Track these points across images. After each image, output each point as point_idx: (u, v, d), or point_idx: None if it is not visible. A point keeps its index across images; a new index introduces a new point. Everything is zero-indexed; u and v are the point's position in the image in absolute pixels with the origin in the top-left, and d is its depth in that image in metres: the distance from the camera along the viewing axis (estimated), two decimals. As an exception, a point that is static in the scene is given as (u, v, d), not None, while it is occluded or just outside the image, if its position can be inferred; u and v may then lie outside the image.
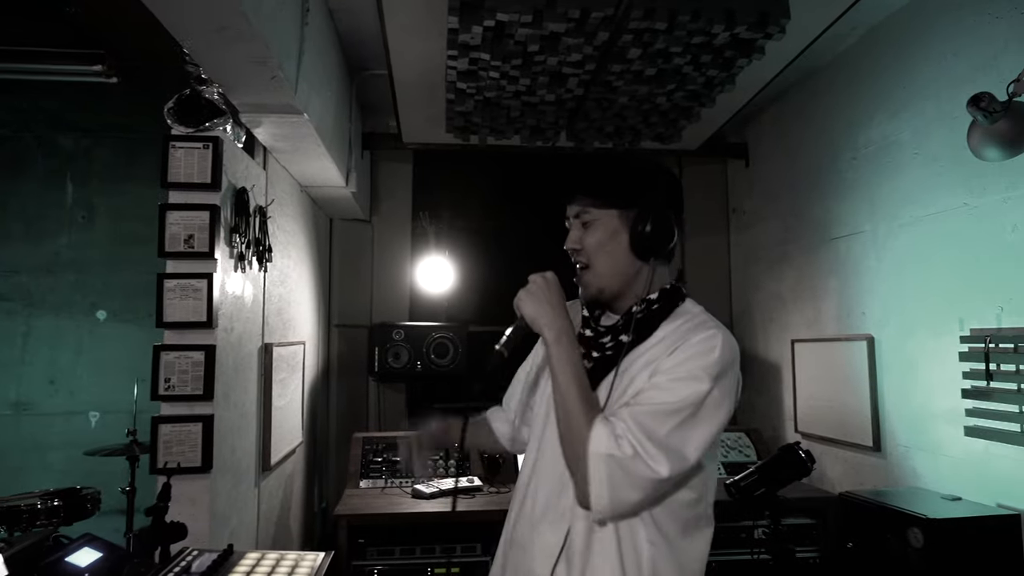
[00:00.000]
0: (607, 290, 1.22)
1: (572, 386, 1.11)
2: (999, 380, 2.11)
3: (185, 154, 1.94)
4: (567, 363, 1.13)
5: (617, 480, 1.04)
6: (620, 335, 1.19)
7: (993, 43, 2.16)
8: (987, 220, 2.19)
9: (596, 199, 1.21)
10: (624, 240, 1.19)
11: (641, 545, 1.10)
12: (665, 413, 1.07)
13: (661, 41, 2.35)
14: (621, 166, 1.27)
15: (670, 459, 1.04)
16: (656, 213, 1.17)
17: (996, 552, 1.82)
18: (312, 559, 1.34)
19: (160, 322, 1.91)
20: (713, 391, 1.09)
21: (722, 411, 1.11)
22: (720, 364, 1.10)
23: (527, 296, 1.19)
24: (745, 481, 2.11)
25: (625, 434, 1.05)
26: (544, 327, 1.16)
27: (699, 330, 1.14)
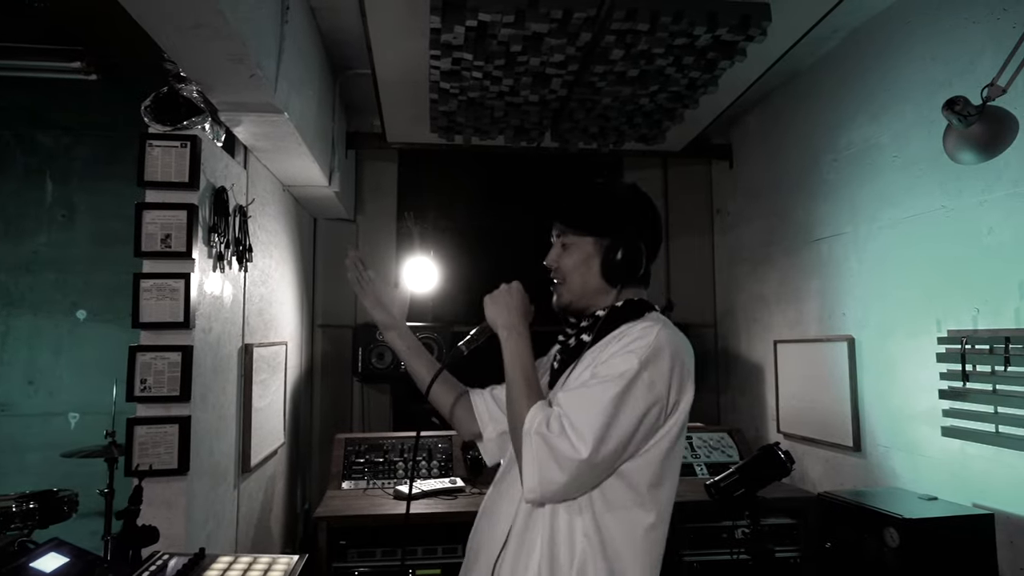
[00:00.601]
0: (574, 304, 1.32)
1: (517, 374, 1.20)
2: (975, 381, 2.13)
3: (163, 152, 1.92)
4: (515, 356, 1.23)
5: (543, 458, 1.08)
6: (583, 334, 1.28)
7: (970, 48, 2.19)
8: (964, 222, 2.21)
9: (574, 227, 1.31)
10: (596, 265, 1.28)
11: (576, 537, 1.12)
12: (593, 395, 1.11)
13: (643, 42, 2.35)
14: (602, 197, 1.35)
15: (594, 438, 1.07)
16: (628, 244, 1.26)
17: (970, 551, 1.84)
18: (286, 562, 1.33)
19: (136, 322, 1.89)
20: (643, 372, 1.12)
21: (653, 393, 1.12)
22: (652, 348, 1.14)
23: (490, 300, 1.32)
24: (725, 481, 2.12)
25: (558, 416, 1.10)
26: (499, 326, 1.27)
27: (643, 323, 1.21)
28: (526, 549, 1.15)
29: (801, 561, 2.64)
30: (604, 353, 1.18)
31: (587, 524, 1.12)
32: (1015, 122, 1.69)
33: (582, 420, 1.08)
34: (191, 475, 1.91)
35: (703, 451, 3.13)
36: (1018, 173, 2.02)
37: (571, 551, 1.12)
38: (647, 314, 1.27)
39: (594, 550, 1.12)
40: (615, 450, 1.10)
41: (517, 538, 1.16)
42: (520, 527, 1.17)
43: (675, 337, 1.19)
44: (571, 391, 1.15)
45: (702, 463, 3.05)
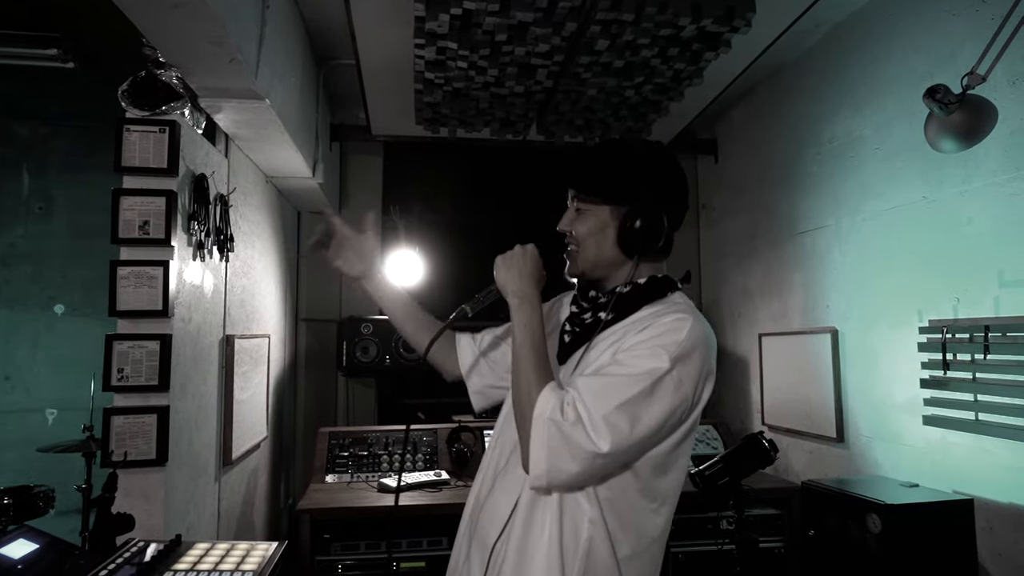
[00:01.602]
0: (589, 273, 1.25)
1: (528, 350, 1.13)
2: (955, 370, 2.15)
3: (140, 138, 1.88)
4: (526, 328, 1.15)
5: (556, 446, 1.03)
6: (600, 312, 1.20)
7: (951, 40, 2.21)
8: (944, 213, 2.23)
9: (588, 193, 1.22)
10: (612, 234, 1.20)
11: (581, 523, 1.09)
12: (617, 387, 1.05)
13: (629, 33, 2.35)
14: (619, 159, 1.24)
15: (612, 433, 1.02)
16: (647, 213, 1.17)
17: (951, 536, 1.85)
18: (264, 548, 1.31)
19: (113, 311, 1.85)
20: (672, 371, 1.06)
21: (679, 393, 1.07)
22: (684, 347, 1.08)
23: (502, 262, 1.23)
24: (710, 470, 2.12)
25: (573, 401, 1.04)
26: (510, 292, 1.19)
27: (672, 313, 1.13)
28: (533, 535, 1.11)
29: (786, 551, 2.66)
30: (628, 338, 1.12)
31: (593, 511, 1.10)
32: (994, 110, 1.71)
33: (601, 412, 1.03)
34: (170, 466, 1.88)
35: (688, 443, 3.13)
36: (997, 164, 2.04)
37: (576, 537, 1.09)
38: (670, 295, 1.21)
39: (600, 536, 1.09)
40: (633, 447, 1.06)
41: (522, 523, 1.12)
42: (524, 512, 1.12)
43: (705, 329, 1.14)
44: (591, 378, 1.09)
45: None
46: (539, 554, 1.09)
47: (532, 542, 1.10)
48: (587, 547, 1.08)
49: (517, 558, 1.11)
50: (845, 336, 2.73)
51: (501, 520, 1.14)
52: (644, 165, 1.22)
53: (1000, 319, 2.02)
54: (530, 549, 1.10)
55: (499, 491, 1.19)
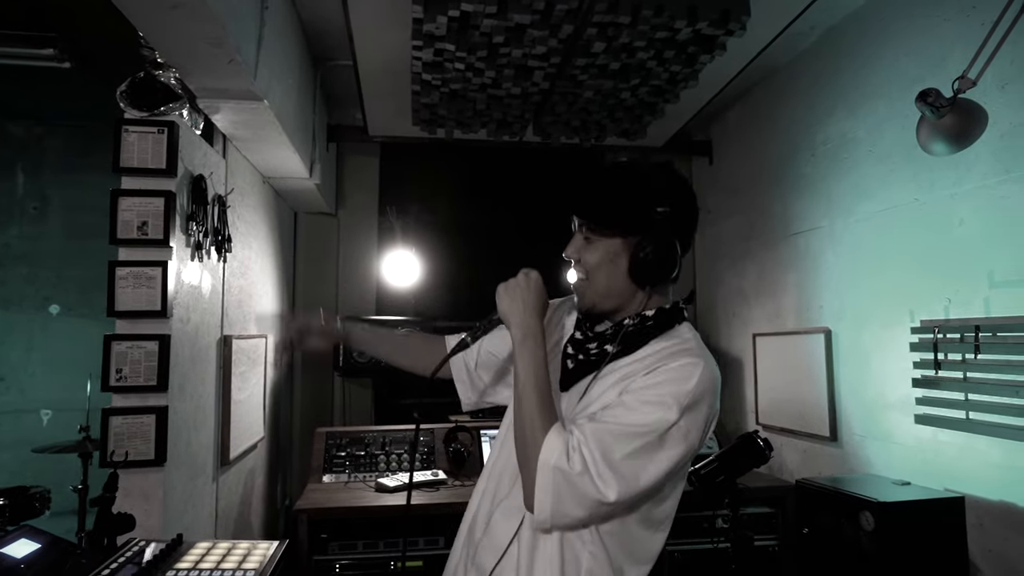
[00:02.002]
0: (599, 306, 1.20)
1: (531, 391, 1.10)
2: (947, 369, 2.18)
3: (139, 138, 1.89)
4: (530, 365, 1.12)
5: (562, 493, 1.02)
6: (606, 344, 1.17)
7: (942, 44, 2.23)
8: (936, 215, 2.26)
9: (600, 223, 1.16)
10: (624, 264, 1.15)
11: (581, 554, 1.09)
12: (625, 435, 1.03)
13: (625, 35, 2.36)
14: (632, 187, 1.18)
15: (620, 483, 1.01)
16: (660, 242, 1.12)
17: (942, 533, 1.88)
18: (265, 547, 1.32)
19: (111, 311, 1.85)
20: (680, 421, 1.04)
21: (687, 443, 1.06)
22: (693, 395, 1.06)
23: (505, 291, 1.18)
24: (706, 469, 2.14)
25: (579, 447, 1.03)
26: (513, 325, 1.15)
27: (682, 356, 1.10)
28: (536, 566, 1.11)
29: (780, 549, 2.68)
30: (639, 378, 1.09)
31: (594, 545, 1.10)
32: (984, 114, 1.74)
33: (609, 462, 1.01)
34: (168, 466, 1.88)
35: (683, 443, 3.16)
36: (987, 166, 2.07)
37: (578, 568, 1.10)
38: (677, 327, 1.18)
39: (601, 566, 1.10)
40: (638, 496, 1.06)
41: (526, 553, 1.12)
42: (528, 543, 1.12)
43: (713, 376, 1.11)
44: (599, 425, 1.06)
45: (682, 455, 3.07)
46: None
47: (537, 573, 1.10)
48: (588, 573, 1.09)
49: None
50: (838, 336, 2.76)
51: (500, 547, 1.14)
52: (658, 193, 1.16)
53: (990, 319, 2.04)
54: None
55: (499, 518, 1.18)
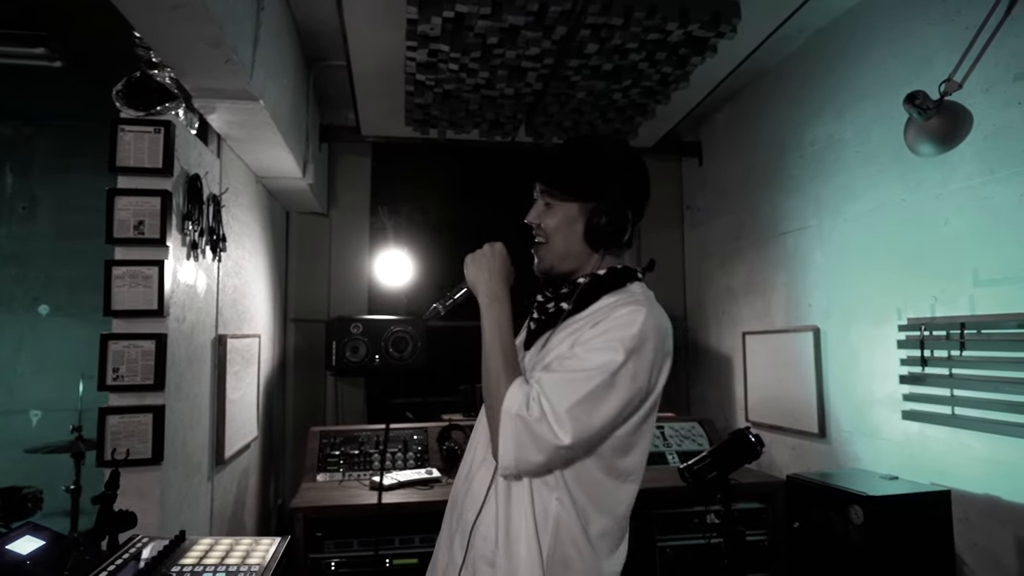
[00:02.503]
0: (557, 268, 1.29)
1: (496, 346, 1.19)
2: (933, 366, 2.23)
3: (135, 138, 1.89)
4: (495, 325, 1.21)
5: (523, 440, 1.10)
6: (562, 302, 1.26)
7: (927, 47, 2.28)
8: (922, 214, 2.31)
9: (559, 189, 1.26)
10: (580, 228, 1.25)
11: (549, 501, 1.17)
12: (576, 381, 1.11)
13: (618, 37, 2.39)
14: (588, 158, 1.29)
15: (574, 426, 1.09)
16: (613, 209, 1.23)
17: (929, 526, 1.92)
18: (267, 544, 1.33)
19: (108, 310, 1.85)
20: (628, 363, 1.12)
21: (635, 384, 1.14)
22: (638, 338, 1.13)
23: (472, 261, 1.28)
24: (698, 465, 2.17)
25: (538, 397, 1.11)
26: (480, 291, 1.25)
27: (626, 305, 1.18)
28: (514, 518, 1.18)
29: (770, 544, 2.72)
30: (587, 330, 1.17)
31: (560, 491, 1.17)
32: (969, 116, 1.78)
33: (564, 407, 1.09)
34: (165, 465, 1.88)
35: (674, 440, 3.19)
36: (972, 167, 2.12)
37: (546, 515, 1.16)
38: (629, 284, 1.27)
39: (568, 513, 1.17)
40: (593, 437, 1.13)
41: (503, 508, 1.19)
42: (503, 497, 1.19)
43: (659, 319, 1.19)
44: (553, 374, 1.14)
45: (673, 451, 3.11)
46: (520, 531, 1.17)
47: (515, 526, 1.18)
48: (556, 523, 1.16)
49: (502, 535, 1.18)
50: (827, 334, 2.80)
51: (478, 501, 1.22)
52: (612, 163, 1.28)
53: (975, 317, 2.09)
54: (512, 527, 1.18)
55: (476, 479, 1.26)
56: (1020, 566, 1.94)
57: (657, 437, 3.21)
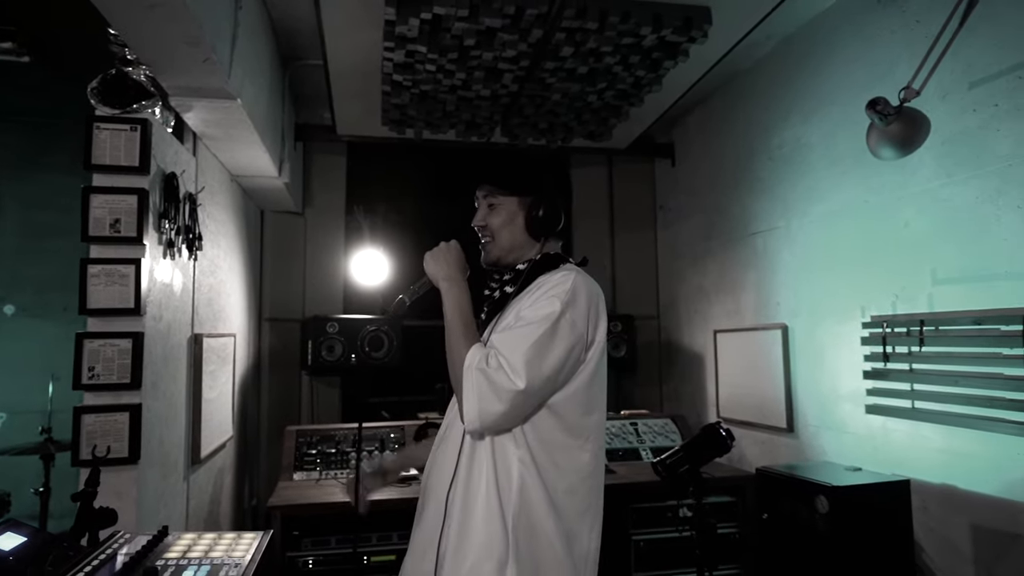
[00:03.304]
0: (503, 259, 1.48)
1: (457, 319, 1.34)
2: (894, 362, 2.32)
3: (111, 136, 1.87)
4: (455, 302, 1.37)
5: (483, 390, 1.22)
6: (505, 287, 1.45)
7: (889, 54, 2.37)
8: (884, 215, 2.40)
9: (501, 187, 1.47)
10: (521, 222, 1.45)
11: (512, 464, 1.26)
12: (525, 334, 1.26)
13: (592, 40, 2.44)
14: (522, 160, 1.56)
15: (527, 371, 1.22)
16: (548, 201, 1.43)
17: (890, 513, 2.01)
18: (250, 538, 1.34)
19: (83, 309, 1.84)
20: (565, 312, 1.28)
21: (575, 332, 1.28)
22: (570, 292, 1.30)
23: (430, 256, 1.46)
24: (671, 459, 2.23)
25: (494, 354, 1.25)
26: (440, 279, 1.42)
27: (557, 275, 1.37)
28: (474, 479, 1.27)
29: (740, 535, 2.80)
30: (527, 300, 1.34)
31: (521, 451, 1.26)
32: (927, 122, 1.86)
33: (517, 356, 1.23)
34: (142, 464, 1.88)
35: (648, 436, 3.26)
36: (930, 171, 2.22)
37: (509, 477, 1.25)
38: (562, 265, 1.43)
39: (531, 473, 1.26)
40: (546, 381, 1.26)
41: (465, 471, 1.29)
42: (466, 462, 1.29)
43: (589, 282, 1.36)
44: (503, 333, 1.29)
45: (647, 447, 3.17)
46: (480, 496, 1.26)
47: (473, 486, 1.27)
48: (520, 484, 1.25)
49: (463, 502, 1.27)
50: (794, 332, 2.89)
51: (448, 473, 1.32)
52: (541, 163, 1.52)
53: (934, 314, 2.18)
54: (472, 491, 1.27)
55: (442, 452, 1.38)
56: (974, 551, 2.03)
57: (631, 433, 3.27)
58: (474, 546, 1.24)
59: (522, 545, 1.23)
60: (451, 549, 1.26)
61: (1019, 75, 1.92)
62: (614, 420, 3.34)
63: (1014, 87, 1.94)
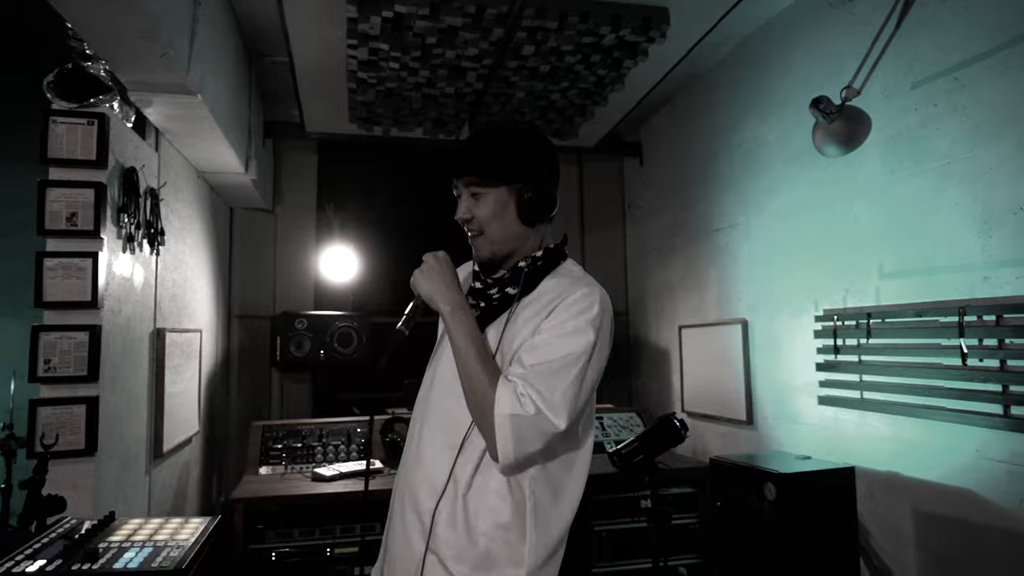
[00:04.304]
0: (498, 253, 1.32)
1: (472, 353, 1.20)
2: (844, 354, 2.39)
3: (68, 130, 1.88)
4: (465, 333, 1.22)
5: (523, 435, 1.14)
6: (507, 287, 1.30)
7: (838, 55, 2.44)
8: (836, 211, 2.47)
9: (487, 177, 1.29)
10: (512, 210, 1.29)
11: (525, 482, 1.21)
12: (561, 369, 1.18)
13: (553, 39, 2.49)
14: (508, 143, 1.32)
15: (567, 411, 1.16)
16: (539, 185, 1.29)
17: (836, 499, 2.08)
18: (197, 523, 1.36)
19: (39, 302, 1.85)
20: (598, 343, 1.21)
21: (602, 358, 1.24)
22: (600, 318, 1.22)
23: (421, 275, 1.28)
24: (626, 449, 2.28)
25: (527, 392, 1.15)
26: (440, 303, 1.25)
27: (578, 287, 1.25)
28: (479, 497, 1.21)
29: (699, 526, 2.86)
30: (550, 319, 1.22)
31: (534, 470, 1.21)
32: (868, 120, 1.94)
33: (557, 396, 1.15)
34: (99, 456, 1.89)
35: (613, 430, 3.31)
36: (877, 167, 2.29)
37: (523, 493, 1.21)
38: (563, 263, 1.34)
39: (541, 486, 1.22)
40: (580, 415, 1.20)
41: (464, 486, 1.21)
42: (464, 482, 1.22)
43: (607, 297, 1.27)
44: (535, 366, 1.18)
45: (612, 441, 3.22)
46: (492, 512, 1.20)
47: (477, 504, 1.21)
48: (533, 502, 1.21)
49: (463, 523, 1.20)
50: (754, 326, 2.96)
51: (437, 483, 1.23)
52: (530, 144, 1.33)
53: (880, 307, 2.26)
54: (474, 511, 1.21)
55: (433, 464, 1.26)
56: (916, 534, 2.11)
57: (596, 428, 3.31)
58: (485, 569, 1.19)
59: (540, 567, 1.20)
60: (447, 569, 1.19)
61: (955, 76, 2.00)
62: (581, 414, 3.39)
63: (951, 88, 2.02)
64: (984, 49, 1.92)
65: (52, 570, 1.08)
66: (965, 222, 1.98)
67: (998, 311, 1.85)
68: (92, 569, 1.09)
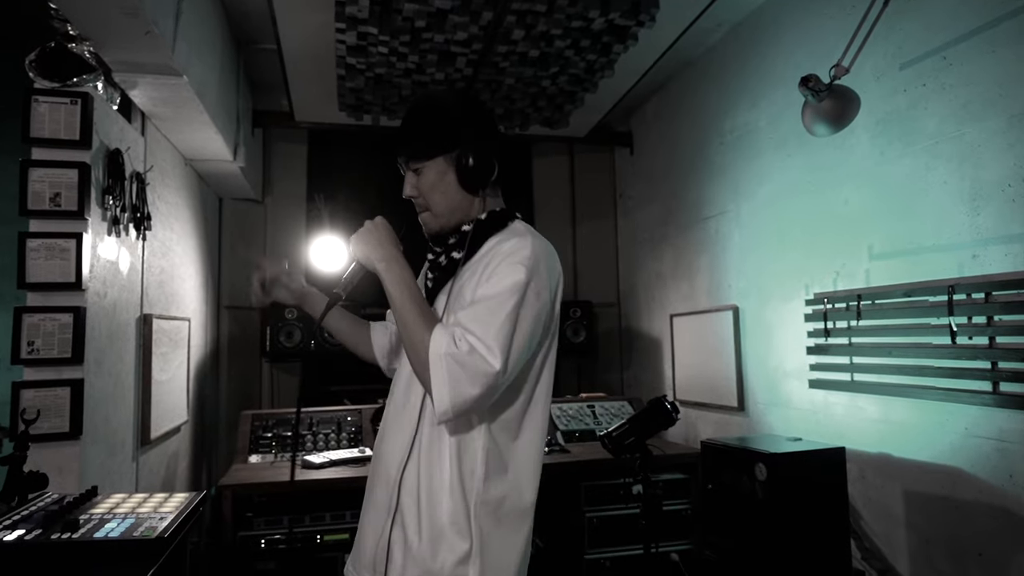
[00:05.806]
0: (446, 226, 1.34)
1: (407, 302, 1.21)
2: (835, 336, 2.39)
3: (51, 109, 1.86)
4: (399, 283, 1.22)
5: (456, 376, 1.12)
6: (452, 252, 1.33)
7: (828, 39, 2.44)
8: (825, 195, 2.48)
9: (420, 150, 1.31)
10: (452, 179, 1.31)
11: (476, 447, 1.22)
12: (492, 308, 1.16)
13: (542, 23, 2.48)
14: (433, 113, 1.33)
15: (502, 350, 1.13)
16: (475, 150, 1.29)
17: (826, 479, 2.07)
18: (182, 497, 1.35)
19: (22, 283, 1.82)
20: (531, 281, 1.19)
21: (540, 301, 1.21)
22: (531, 258, 1.21)
23: (357, 239, 1.29)
24: (617, 432, 2.28)
25: (462, 335, 1.14)
26: (375, 260, 1.25)
27: (511, 238, 1.26)
28: (435, 460, 1.21)
29: (692, 511, 2.86)
30: (485, 269, 1.23)
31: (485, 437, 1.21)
32: (857, 98, 1.93)
33: (490, 335, 1.13)
34: (84, 440, 1.86)
35: (604, 418, 3.31)
36: (866, 149, 2.29)
37: (473, 455, 1.21)
38: (511, 223, 1.34)
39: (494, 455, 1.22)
40: (519, 358, 1.18)
41: (425, 451, 1.22)
42: (426, 441, 1.23)
43: (545, 247, 1.27)
44: (470, 309, 1.18)
45: (603, 428, 3.21)
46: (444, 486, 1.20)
47: (436, 475, 1.21)
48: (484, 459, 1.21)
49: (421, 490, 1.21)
50: (745, 312, 2.96)
51: (399, 456, 1.25)
52: (457, 111, 1.32)
53: (869, 289, 2.26)
54: (434, 480, 1.21)
55: (395, 432, 1.29)
56: (906, 514, 2.11)
57: (587, 415, 3.32)
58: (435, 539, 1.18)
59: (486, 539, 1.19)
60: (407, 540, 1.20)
61: (943, 55, 2.00)
62: (572, 403, 3.39)
63: (939, 68, 2.02)
64: (971, 27, 1.92)
65: (31, 539, 1.07)
66: (954, 200, 1.98)
67: (987, 288, 1.85)
68: (72, 539, 1.07)
